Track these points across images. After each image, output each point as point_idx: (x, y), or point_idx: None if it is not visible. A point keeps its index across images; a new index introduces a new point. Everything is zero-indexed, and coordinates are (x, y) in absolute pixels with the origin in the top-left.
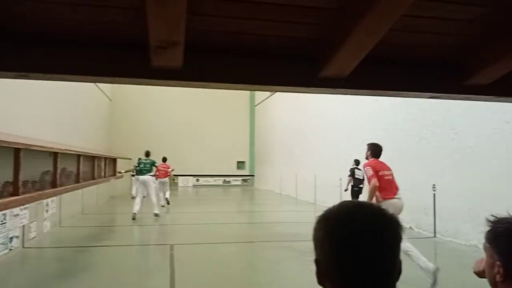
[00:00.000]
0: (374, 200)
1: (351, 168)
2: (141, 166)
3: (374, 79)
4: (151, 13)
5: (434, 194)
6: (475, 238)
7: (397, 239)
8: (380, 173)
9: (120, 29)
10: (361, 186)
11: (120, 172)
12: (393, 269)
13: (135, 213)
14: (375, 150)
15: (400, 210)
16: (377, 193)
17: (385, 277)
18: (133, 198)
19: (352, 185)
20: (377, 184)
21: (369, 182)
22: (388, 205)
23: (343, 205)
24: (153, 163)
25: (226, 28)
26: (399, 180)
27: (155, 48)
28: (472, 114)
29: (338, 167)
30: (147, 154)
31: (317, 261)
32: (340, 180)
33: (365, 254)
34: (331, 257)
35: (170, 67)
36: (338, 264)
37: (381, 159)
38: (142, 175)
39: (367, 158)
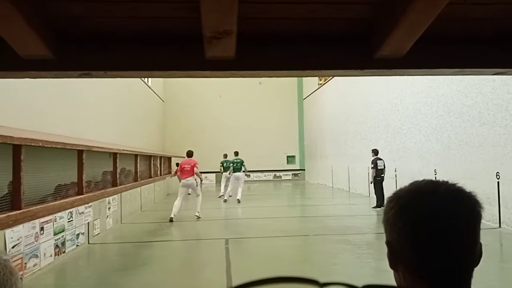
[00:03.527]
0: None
1: (373, 160)
2: (233, 165)
3: (433, 57)
4: (205, 4)
5: (498, 183)
6: None
7: (476, 216)
8: (182, 166)
9: (174, 23)
10: (382, 175)
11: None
12: (472, 248)
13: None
14: (187, 153)
15: (189, 186)
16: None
17: (462, 255)
18: (220, 196)
19: (374, 176)
20: (178, 173)
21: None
22: (183, 183)
23: (415, 183)
24: (242, 162)
25: (276, 15)
26: (458, 169)
27: (210, 39)
28: None
29: (391, 157)
30: (236, 153)
31: (388, 243)
32: (395, 171)
33: (441, 229)
34: (405, 236)
35: (224, 57)
36: (412, 242)
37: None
38: (235, 172)
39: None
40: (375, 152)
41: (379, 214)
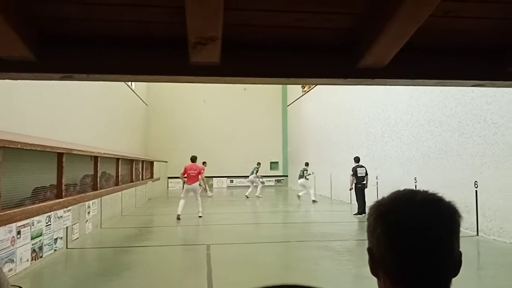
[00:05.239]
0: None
1: (353, 167)
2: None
3: (414, 68)
4: (190, 9)
5: (476, 191)
6: None
7: (454, 225)
8: (188, 171)
9: (158, 28)
10: (363, 182)
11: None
12: (450, 255)
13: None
14: (191, 158)
15: (195, 190)
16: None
17: (440, 262)
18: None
19: (355, 183)
20: (184, 178)
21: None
22: (188, 188)
23: (396, 192)
24: (254, 170)
25: (262, 22)
26: (437, 177)
27: (194, 45)
28: None
29: (373, 165)
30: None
31: (369, 250)
32: (377, 178)
33: (419, 236)
34: (384, 242)
35: (208, 63)
36: (391, 250)
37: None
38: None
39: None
40: (356, 159)
41: (360, 221)
